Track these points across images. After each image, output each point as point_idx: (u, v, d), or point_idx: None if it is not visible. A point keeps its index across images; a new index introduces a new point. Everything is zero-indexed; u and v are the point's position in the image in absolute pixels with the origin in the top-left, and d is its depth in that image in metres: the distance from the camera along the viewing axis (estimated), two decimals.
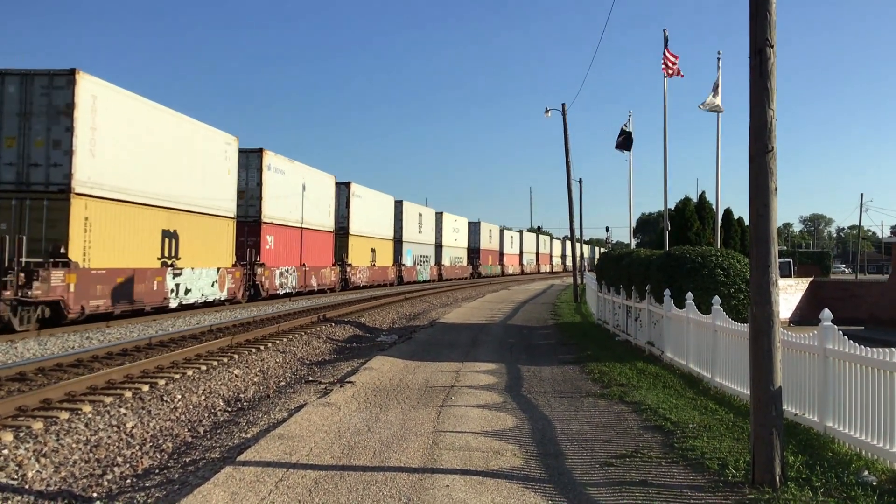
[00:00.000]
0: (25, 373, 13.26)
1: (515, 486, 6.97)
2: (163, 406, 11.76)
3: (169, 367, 14.57)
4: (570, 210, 42.92)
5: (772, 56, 7.23)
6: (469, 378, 13.43)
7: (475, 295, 47.50)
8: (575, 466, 7.69)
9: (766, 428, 7.01)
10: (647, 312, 17.35)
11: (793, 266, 58.91)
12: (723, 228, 32.60)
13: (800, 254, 76.52)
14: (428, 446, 8.46)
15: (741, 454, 7.85)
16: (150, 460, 9.29)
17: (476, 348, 18.17)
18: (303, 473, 7.33)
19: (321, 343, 20.63)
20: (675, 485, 7.03)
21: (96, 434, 9.89)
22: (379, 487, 6.90)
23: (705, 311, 13.37)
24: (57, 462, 8.78)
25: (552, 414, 10.36)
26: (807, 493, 6.62)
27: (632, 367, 14.46)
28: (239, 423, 10.91)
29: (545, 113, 41.82)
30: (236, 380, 14.42)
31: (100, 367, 14.45)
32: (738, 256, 15.63)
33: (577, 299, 39.73)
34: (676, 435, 8.96)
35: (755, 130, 7.26)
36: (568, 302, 39.16)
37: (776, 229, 7.31)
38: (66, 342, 18.07)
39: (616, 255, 23.98)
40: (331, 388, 12.48)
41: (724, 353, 12.00)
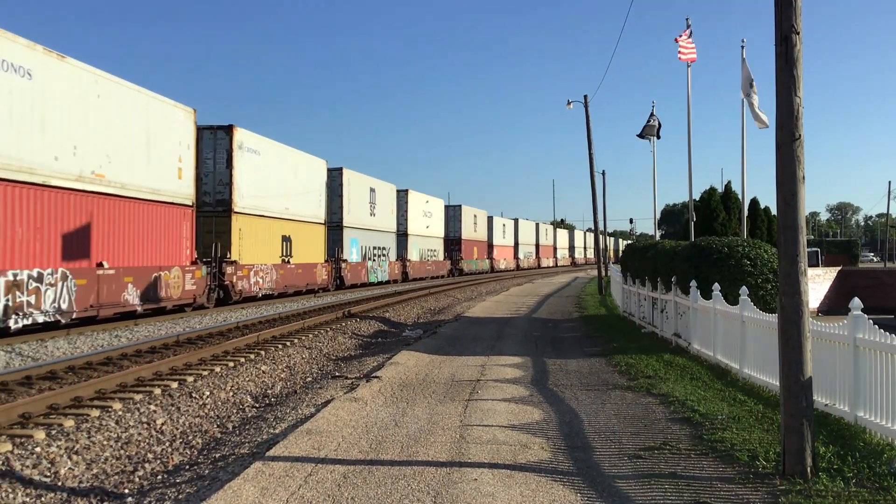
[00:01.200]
0: (56, 371, 13.43)
1: (544, 480, 6.96)
2: (192, 402, 11.86)
3: (197, 364, 14.69)
4: (594, 202, 42.75)
5: (798, 43, 7.15)
6: (495, 372, 13.42)
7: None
8: (603, 459, 7.67)
9: (797, 418, 6.95)
10: (673, 304, 17.24)
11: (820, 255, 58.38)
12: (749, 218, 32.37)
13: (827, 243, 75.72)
14: (455, 440, 8.47)
15: (771, 445, 7.79)
16: (180, 456, 9.37)
17: (501, 342, 18.16)
18: (331, 468, 7.36)
19: (346, 339, 20.71)
20: (705, 477, 6.99)
21: (127, 431, 10.00)
22: (407, 481, 6.92)
23: (732, 302, 13.27)
24: (89, 459, 8.89)
25: (579, 407, 10.33)
26: (839, 483, 6.56)
27: (658, 359, 14.38)
28: (267, 418, 10.98)
29: (567, 105, 41.65)
30: (263, 376, 14.51)
31: (129, 364, 14.61)
32: (766, 246, 15.49)
33: (602, 291, 39.58)
34: (705, 427, 8.90)
35: (782, 118, 7.19)
36: (592, 294, 39.02)
37: (804, 218, 7.23)
38: (96, 341, 18.28)
39: (641, 247, 23.84)
40: (357, 383, 12.53)
41: (753, 343, 11.91)
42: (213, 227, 29.39)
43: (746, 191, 23.47)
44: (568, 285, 50.63)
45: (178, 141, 25.61)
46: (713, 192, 39.34)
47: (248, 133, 31.10)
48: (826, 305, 41.96)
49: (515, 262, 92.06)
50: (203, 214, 28.93)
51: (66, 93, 19.81)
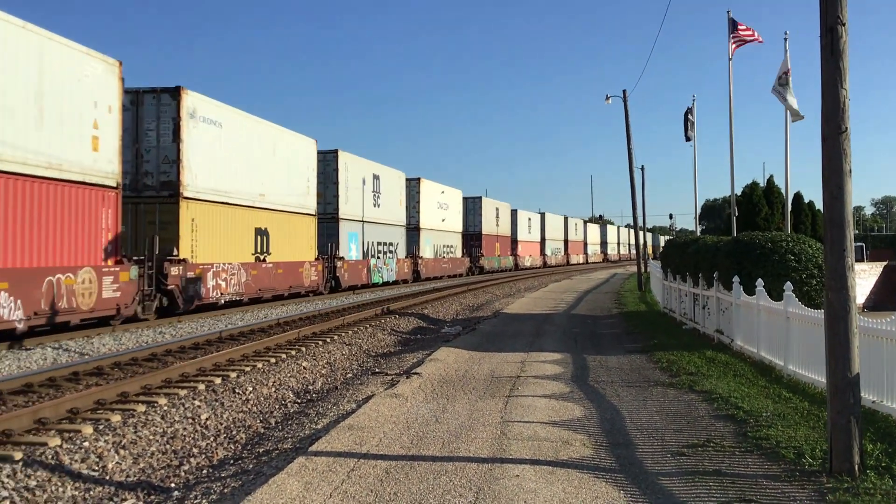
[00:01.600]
0: (102, 367, 13.68)
1: (586, 476, 6.94)
2: (235, 398, 12.01)
3: (239, 360, 14.87)
4: (633, 198, 42.40)
5: (843, 34, 7.02)
6: (535, 368, 13.39)
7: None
8: (646, 456, 7.62)
9: (844, 415, 6.84)
10: (715, 300, 17.05)
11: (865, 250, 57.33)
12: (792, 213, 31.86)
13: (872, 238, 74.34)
14: (496, 436, 8.47)
15: (817, 443, 7.67)
16: (224, 451, 9.51)
17: (540, 338, 18.11)
18: (374, 463, 7.41)
19: (386, 335, 20.80)
20: (750, 474, 6.91)
21: (172, 426, 10.16)
22: (449, 477, 6.94)
23: (776, 298, 13.09)
24: (135, 454, 9.05)
25: (620, 403, 10.27)
26: (887, 481, 6.45)
27: (700, 356, 14.24)
28: (309, 414, 11.08)
29: (606, 100, 41.33)
30: (305, 372, 14.65)
31: (173, 360, 14.83)
32: (810, 241, 15.24)
33: (642, 288, 39.26)
34: (749, 424, 8.80)
35: (828, 111, 7.07)
36: (632, 291, 38.72)
37: (851, 212, 7.11)
38: (140, 337, 18.58)
39: (682, 243, 23.61)
40: (397, 379, 12.58)
41: (798, 340, 11.73)
42: (156, 216, 23.10)
43: (790, 185, 23.08)
44: (606, 281, 50.30)
45: (92, 101, 18.96)
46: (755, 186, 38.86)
47: (204, 99, 24.71)
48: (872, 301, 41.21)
49: (542, 258, 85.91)
50: (144, 201, 23.11)
51: None
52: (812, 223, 37.80)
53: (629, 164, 41.56)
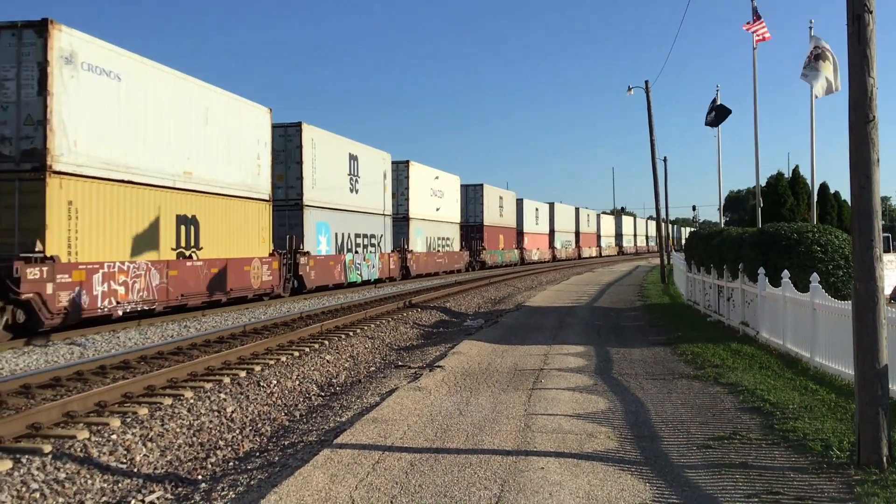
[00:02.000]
0: (129, 361, 13.82)
1: (611, 469, 6.92)
2: (260, 391, 12.09)
3: (264, 354, 14.96)
4: (656, 189, 42.15)
5: (871, 22, 6.94)
6: (558, 361, 13.37)
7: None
8: (671, 449, 7.59)
9: (872, 407, 6.78)
10: (740, 292, 16.92)
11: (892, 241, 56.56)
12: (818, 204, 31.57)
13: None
14: (520, 429, 8.47)
15: (845, 435, 7.61)
16: (250, 443, 9.58)
17: (563, 331, 18.07)
18: (398, 456, 7.43)
19: (408, 328, 20.85)
20: (777, 467, 6.87)
21: (198, 419, 10.24)
22: (474, 469, 6.95)
23: (801, 290, 12.97)
24: (162, 446, 9.14)
25: (644, 396, 10.23)
26: None
27: (725, 348, 14.15)
28: (333, 407, 11.14)
29: (628, 91, 41.11)
30: (328, 365, 14.71)
31: (198, 354, 14.95)
32: (837, 232, 15.08)
33: (665, 280, 39.05)
34: (776, 416, 8.74)
35: (854, 100, 6.99)
36: (655, 283, 38.51)
37: (879, 202, 7.03)
38: (166, 331, 18.74)
39: (706, 234, 23.44)
40: (420, 372, 12.61)
41: (824, 331, 11.62)
42: (15, 199, 16.92)
43: (816, 175, 22.83)
44: (629, 274, 50.06)
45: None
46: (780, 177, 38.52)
47: (90, 40, 18.36)
48: None
49: (551, 251, 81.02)
50: (2, 177, 16.91)
51: None
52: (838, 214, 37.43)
53: (651, 155, 41.32)
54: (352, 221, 35.48)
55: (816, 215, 26.27)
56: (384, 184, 40.03)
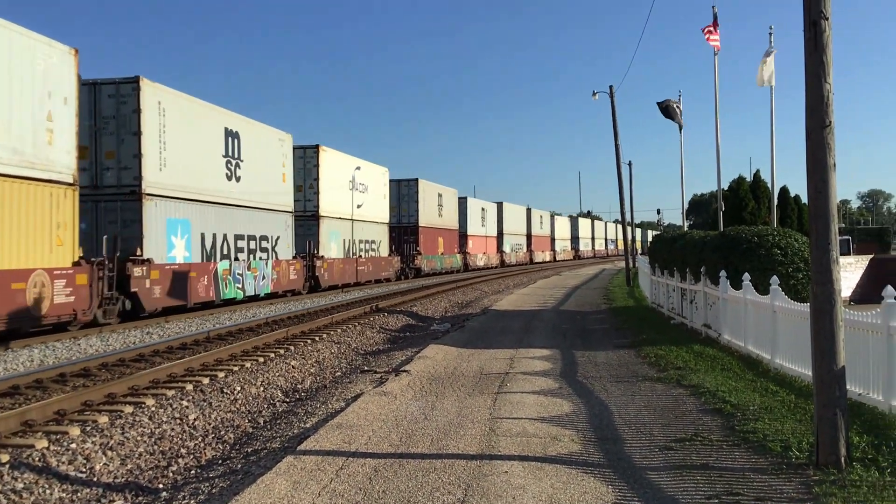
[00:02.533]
0: (89, 368, 13.61)
1: (574, 471, 6.95)
2: (223, 398, 11.98)
3: (228, 360, 14.82)
4: (620, 193, 42.50)
5: (827, 28, 7.06)
6: (523, 364, 13.41)
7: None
8: (634, 451, 7.64)
9: (830, 408, 6.88)
10: (702, 294, 17.11)
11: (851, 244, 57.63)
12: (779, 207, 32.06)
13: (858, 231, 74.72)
14: (485, 433, 8.48)
15: (804, 436, 7.71)
16: (212, 451, 9.48)
17: (529, 335, 18.13)
18: (362, 462, 7.40)
19: (375, 333, 20.79)
20: (738, 468, 6.94)
21: (160, 427, 10.12)
22: (438, 474, 6.94)
23: (762, 292, 13.15)
24: (123, 455, 9.01)
25: (609, 399, 10.30)
26: (873, 473, 6.48)
27: (688, 351, 14.29)
28: (298, 413, 11.07)
29: (593, 96, 41.42)
30: (293, 371, 14.62)
31: (161, 361, 14.77)
32: (796, 235, 15.32)
33: (630, 283, 39.37)
34: (737, 417, 8.84)
35: (811, 105, 7.10)
36: (620, 286, 38.82)
37: (836, 206, 7.14)
38: (128, 338, 18.50)
39: (669, 238, 23.69)
40: (386, 377, 12.58)
41: (784, 333, 11.79)
42: None
43: (776, 179, 23.21)
44: (595, 277, 50.42)
45: None
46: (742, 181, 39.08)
47: None
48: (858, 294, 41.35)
49: (499, 256, 74.18)
50: None
51: None
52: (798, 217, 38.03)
53: (616, 159, 41.67)
54: (229, 219, 27.09)
55: (777, 218, 26.68)
56: (282, 172, 31.63)
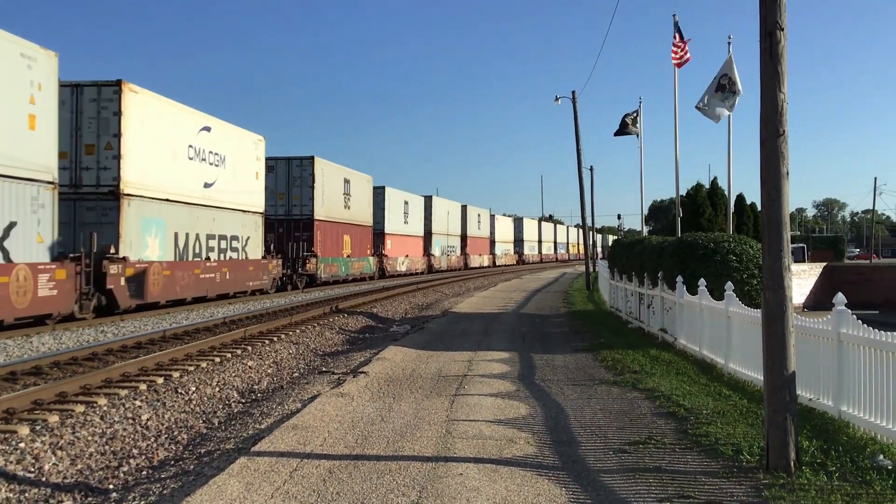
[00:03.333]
0: (41, 367, 13.34)
1: (529, 474, 6.98)
2: (177, 398, 11.82)
3: (183, 360, 14.63)
4: (582, 198, 42.82)
5: (782, 39, 7.18)
6: (482, 367, 13.43)
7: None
8: (588, 453, 7.69)
9: (780, 413, 6.99)
10: (659, 299, 17.30)
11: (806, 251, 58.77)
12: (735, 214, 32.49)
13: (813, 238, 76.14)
14: (441, 435, 8.48)
15: (755, 440, 7.83)
16: (165, 452, 9.35)
17: (489, 337, 18.17)
18: (317, 463, 7.35)
19: (334, 334, 20.68)
20: (689, 471, 7.03)
21: (112, 427, 9.95)
22: (393, 476, 6.92)
23: (718, 297, 13.33)
24: (73, 455, 8.85)
25: (565, 402, 10.36)
26: (822, 477, 6.61)
27: (645, 355, 14.43)
28: (253, 414, 10.96)
29: (555, 101, 41.72)
30: (250, 371, 14.48)
31: (115, 360, 14.53)
32: (751, 242, 15.56)
33: (590, 287, 39.68)
34: (690, 421, 8.95)
35: (766, 114, 7.22)
36: (580, 290, 39.11)
37: (788, 214, 7.27)
38: (81, 336, 18.18)
39: (628, 242, 23.91)
40: (344, 378, 12.52)
41: (738, 338, 11.96)
42: None
43: (733, 186, 23.60)
44: (556, 281, 50.73)
45: None
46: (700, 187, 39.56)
47: None
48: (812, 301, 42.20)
49: (426, 260, 63.10)
50: None
51: None
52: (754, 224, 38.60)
53: (578, 164, 42.00)
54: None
55: (733, 225, 27.07)
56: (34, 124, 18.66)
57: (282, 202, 39.07)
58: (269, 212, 36.06)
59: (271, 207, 37.36)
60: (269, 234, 35.45)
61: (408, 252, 58.49)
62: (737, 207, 38.91)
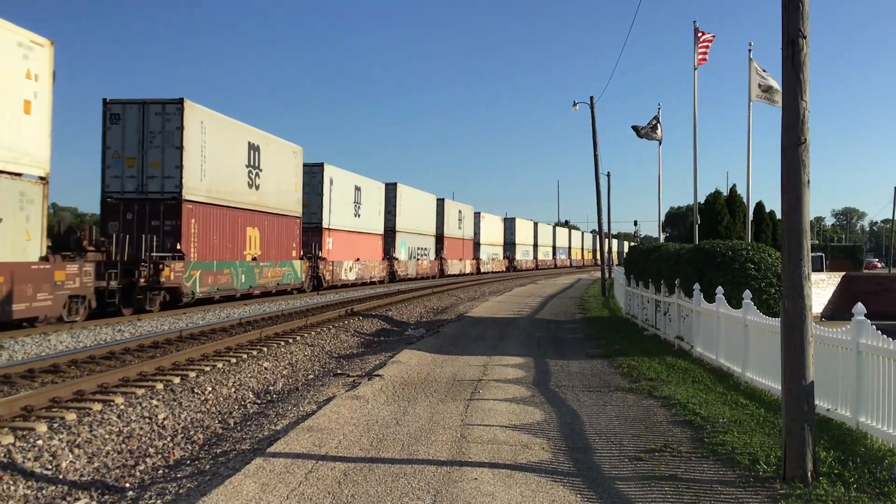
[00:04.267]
0: (59, 365, 13.46)
1: (544, 480, 6.96)
2: (194, 398, 11.88)
3: (199, 360, 14.71)
4: (598, 204, 42.69)
5: (804, 47, 7.13)
6: (496, 372, 13.42)
7: None
8: (603, 461, 7.66)
9: (798, 423, 6.94)
10: (676, 307, 17.22)
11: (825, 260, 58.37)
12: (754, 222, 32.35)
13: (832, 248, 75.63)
14: (456, 439, 8.47)
15: (772, 449, 7.77)
16: (181, 451, 9.40)
17: (503, 342, 18.15)
18: (332, 465, 7.37)
19: (349, 336, 20.73)
20: (706, 480, 6.98)
21: (128, 425, 10.02)
22: (408, 480, 6.92)
23: (735, 306, 13.25)
24: (90, 453, 8.91)
25: (580, 408, 10.33)
26: (839, 488, 6.55)
27: (661, 362, 14.36)
28: (268, 415, 11.00)
29: (573, 106, 41.59)
30: (266, 372, 14.53)
31: (132, 359, 14.64)
32: (770, 250, 15.47)
33: (605, 293, 39.55)
34: (706, 430, 8.90)
35: (787, 122, 7.17)
36: (596, 296, 38.99)
37: (809, 222, 7.22)
38: (98, 335, 18.31)
39: (645, 249, 23.83)
40: (359, 381, 12.54)
41: (755, 347, 11.89)
42: None
43: (752, 194, 23.46)
44: (571, 287, 50.58)
45: None
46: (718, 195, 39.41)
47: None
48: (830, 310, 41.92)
49: (386, 266, 49.70)
50: None
51: None
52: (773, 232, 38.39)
53: (595, 170, 41.87)
54: None
55: (752, 233, 26.92)
56: None
57: (131, 171, 25.71)
58: (113, 186, 25.83)
59: (115, 180, 25.77)
60: (110, 221, 25.45)
61: (360, 254, 45.37)
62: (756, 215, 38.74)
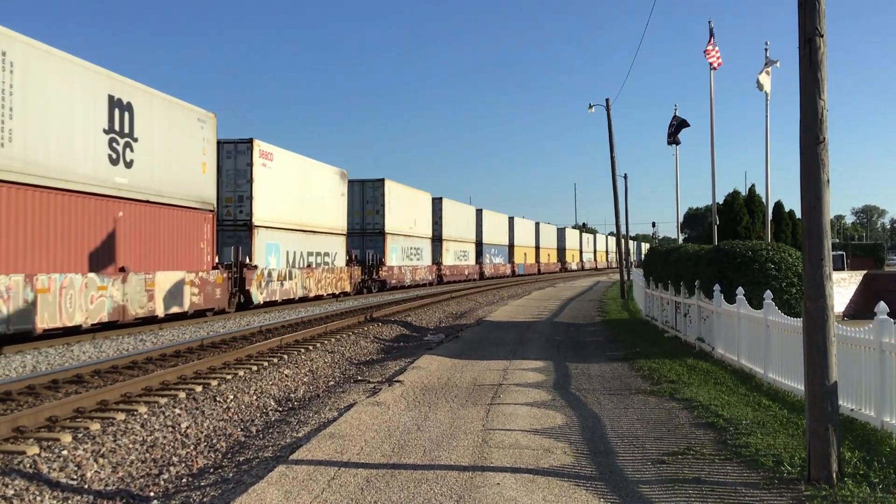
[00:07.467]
0: (82, 375, 13.57)
1: (567, 484, 6.95)
2: (216, 406, 11.94)
3: (221, 368, 14.78)
4: (616, 206, 42.59)
5: (822, 46, 7.10)
6: (517, 376, 13.41)
7: None
8: (626, 464, 7.64)
9: (822, 423, 6.89)
10: (696, 308, 17.14)
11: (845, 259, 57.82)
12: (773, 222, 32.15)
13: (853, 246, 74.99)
14: (478, 444, 8.47)
15: (796, 450, 7.72)
16: (204, 460, 9.45)
17: (523, 346, 18.13)
18: (354, 472, 7.39)
19: (368, 343, 20.76)
20: (729, 482, 6.95)
21: (152, 434, 10.09)
22: (430, 486, 6.93)
23: (756, 306, 13.18)
24: (114, 462, 8.98)
25: (601, 411, 10.30)
26: (864, 489, 6.50)
27: (682, 364, 14.30)
28: (290, 422, 11.04)
29: (589, 108, 41.57)
30: (286, 380, 14.59)
31: (154, 368, 14.73)
32: (790, 250, 15.37)
33: (624, 296, 39.41)
34: (729, 432, 8.85)
35: (806, 121, 7.14)
36: (615, 299, 38.87)
37: (829, 222, 7.18)
38: (121, 345, 18.45)
39: (664, 251, 23.73)
40: (379, 387, 12.56)
41: (777, 348, 11.82)
42: None
43: (771, 194, 23.34)
44: (590, 289, 50.44)
45: None
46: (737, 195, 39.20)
47: None
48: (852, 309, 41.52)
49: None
50: None
51: None
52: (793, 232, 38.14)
53: (612, 172, 41.79)
54: None
55: (771, 233, 26.75)
56: None
57: None
58: None
59: None
60: None
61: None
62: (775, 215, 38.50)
